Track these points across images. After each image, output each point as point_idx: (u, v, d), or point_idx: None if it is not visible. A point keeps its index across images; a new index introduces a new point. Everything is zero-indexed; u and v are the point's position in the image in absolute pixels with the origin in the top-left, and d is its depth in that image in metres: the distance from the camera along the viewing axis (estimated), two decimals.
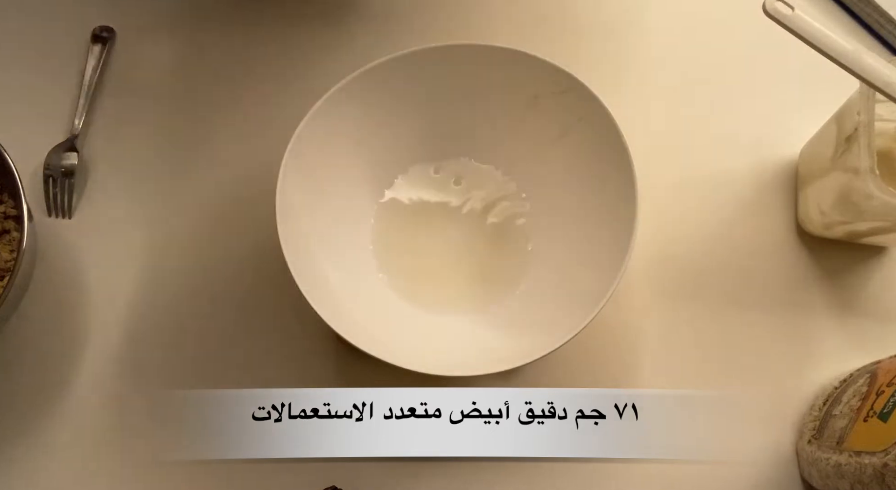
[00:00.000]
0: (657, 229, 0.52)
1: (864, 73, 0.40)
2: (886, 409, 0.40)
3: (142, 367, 0.49)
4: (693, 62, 0.58)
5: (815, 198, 0.50)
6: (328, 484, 0.46)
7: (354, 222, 0.50)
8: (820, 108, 0.50)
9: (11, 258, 0.47)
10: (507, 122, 0.50)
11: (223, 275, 0.51)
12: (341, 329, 0.41)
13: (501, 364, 0.42)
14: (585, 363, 0.49)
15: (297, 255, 0.43)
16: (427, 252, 0.51)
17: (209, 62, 0.57)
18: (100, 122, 0.55)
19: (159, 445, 0.48)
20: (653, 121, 0.55)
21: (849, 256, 0.52)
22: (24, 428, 0.48)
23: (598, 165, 0.47)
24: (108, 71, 0.57)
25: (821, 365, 0.49)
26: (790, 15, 0.40)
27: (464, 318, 0.49)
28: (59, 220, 0.53)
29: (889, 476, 0.37)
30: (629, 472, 0.47)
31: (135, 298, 0.51)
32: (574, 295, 0.45)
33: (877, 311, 0.51)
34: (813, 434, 0.46)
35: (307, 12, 0.59)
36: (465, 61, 0.48)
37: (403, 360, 0.41)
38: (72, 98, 0.55)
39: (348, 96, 0.47)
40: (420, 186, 0.52)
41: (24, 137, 0.52)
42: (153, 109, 0.56)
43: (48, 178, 0.53)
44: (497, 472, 0.47)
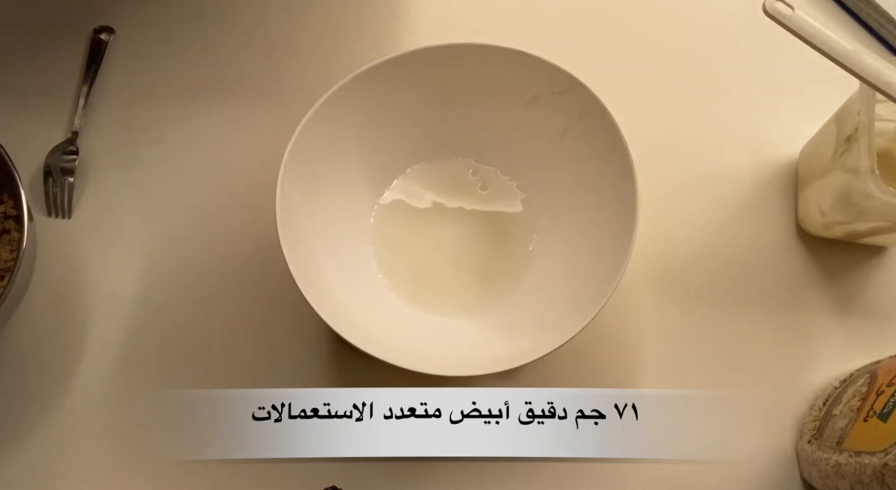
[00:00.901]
0: (657, 229, 0.52)
1: (864, 73, 0.40)
2: (886, 409, 0.40)
3: (141, 367, 0.49)
4: (693, 62, 0.58)
5: (815, 198, 0.50)
6: (328, 484, 0.46)
7: (354, 222, 0.50)
8: (820, 108, 0.50)
9: (11, 258, 0.47)
10: (507, 122, 0.50)
11: (223, 275, 0.51)
12: (341, 329, 0.41)
13: (501, 364, 0.42)
14: (585, 363, 0.49)
15: (297, 256, 0.43)
16: (427, 252, 0.51)
17: (209, 62, 0.57)
18: (100, 122, 0.55)
19: (159, 445, 0.48)
20: (653, 121, 0.55)
21: (849, 256, 0.52)
22: (24, 428, 0.48)
23: (598, 165, 0.47)
24: (108, 71, 0.57)
25: (821, 365, 0.49)
26: (790, 15, 0.40)
27: (464, 319, 0.49)
28: (59, 220, 0.53)
29: (889, 476, 0.37)
30: (629, 472, 0.47)
31: (135, 298, 0.51)
32: (574, 295, 0.45)
33: (877, 311, 0.51)
34: (813, 434, 0.46)
35: (307, 12, 0.59)
36: (465, 61, 0.48)
37: (403, 360, 0.41)
38: (72, 98, 0.55)
39: (348, 96, 0.47)
40: (420, 186, 0.52)
41: (24, 137, 0.52)
42: (153, 109, 0.56)
43: (48, 178, 0.53)
44: (497, 472, 0.47)
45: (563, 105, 0.48)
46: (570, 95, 0.47)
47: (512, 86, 0.49)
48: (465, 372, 0.42)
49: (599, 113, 0.46)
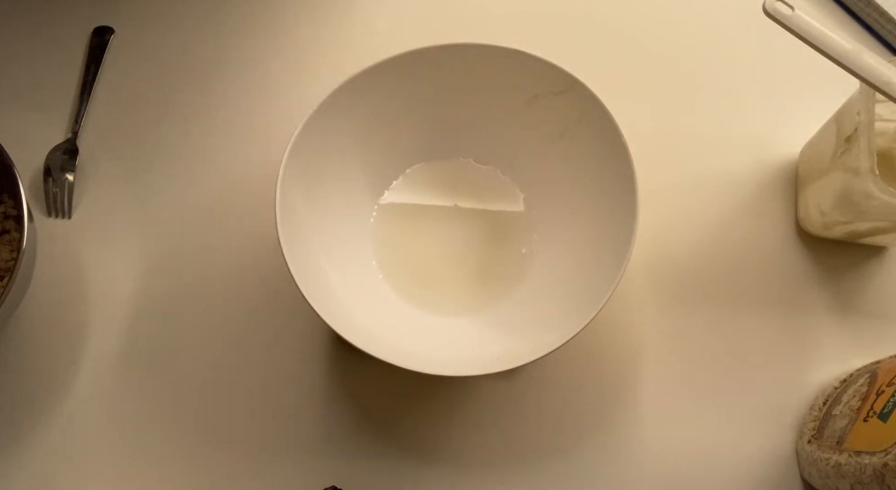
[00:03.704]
0: (657, 229, 0.52)
1: (864, 73, 0.40)
2: (886, 409, 0.40)
3: (141, 366, 0.49)
4: (693, 62, 0.58)
5: (815, 198, 0.50)
6: (328, 484, 0.46)
7: (354, 222, 0.50)
8: (820, 108, 0.50)
9: (11, 258, 0.47)
10: (507, 122, 0.50)
11: (223, 275, 0.51)
12: (341, 329, 0.41)
13: (501, 364, 0.42)
14: (585, 363, 0.49)
15: (297, 256, 0.43)
16: (427, 252, 0.51)
17: (209, 62, 0.57)
18: (100, 121, 0.55)
19: (159, 445, 0.48)
20: (653, 121, 0.55)
21: (849, 256, 0.52)
22: (25, 427, 0.48)
23: (598, 165, 0.47)
24: (108, 71, 0.57)
25: (821, 365, 0.49)
26: (790, 15, 0.40)
27: (464, 319, 0.49)
28: (59, 220, 0.53)
29: (889, 476, 0.37)
30: (629, 472, 0.47)
31: (134, 298, 0.51)
32: (574, 295, 0.45)
33: (877, 311, 0.51)
34: (813, 434, 0.46)
35: (308, 12, 0.59)
36: (465, 61, 0.48)
37: (403, 360, 0.41)
38: (72, 98, 0.55)
39: (348, 97, 0.47)
40: (420, 187, 0.52)
41: (24, 137, 0.52)
42: (153, 109, 0.56)
43: (48, 178, 0.53)
44: (497, 472, 0.47)
45: (562, 105, 0.48)
46: (569, 95, 0.47)
47: (512, 86, 0.49)
48: (465, 372, 0.42)
49: (599, 113, 0.46)
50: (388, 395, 0.49)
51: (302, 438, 0.48)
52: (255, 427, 0.48)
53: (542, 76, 0.47)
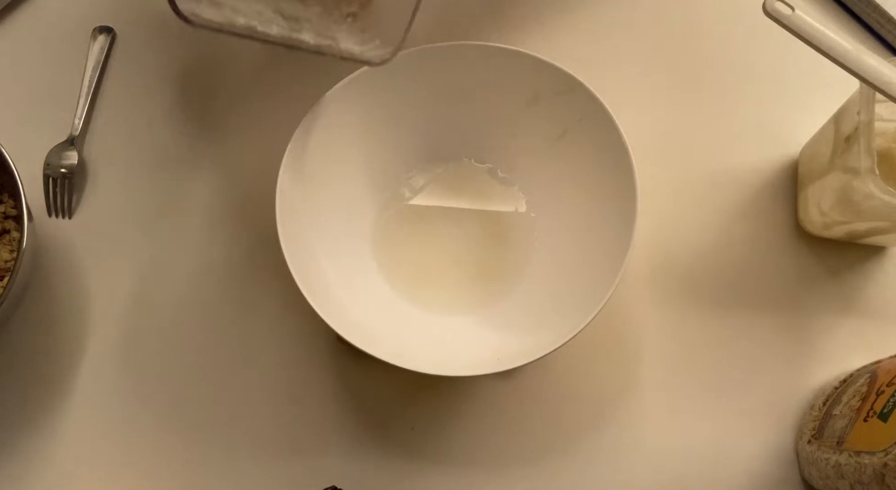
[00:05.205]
0: (657, 229, 0.52)
1: (864, 73, 0.40)
2: (886, 409, 0.40)
3: (141, 366, 0.49)
4: (693, 63, 0.57)
5: (815, 198, 0.50)
6: (328, 484, 0.46)
7: (354, 222, 0.50)
8: (820, 108, 0.50)
9: (11, 258, 0.47)
10: (507, 122, 0.50)
11: (223, 275, 0.51)
12: (341, 329, 0.41)
13: (501, 364, 0.42)
14: (586, 363, 0.49)
15: (297, 256, 0.43)
16: (427, 252, 0.51)
17: (208, 62, 0.57)
18: (100, 122, 0.55)
19: (158, 445, 0.48)
20: (653, 121, 0.55)
21: (849, 256, 0.52)
22: (25, 427, 0.48)
23: (598, 165, 0.47)
24: (108, 71, 0.57)
25: (821, 365, 0.49)
26: (790, 15, 0.40)
27: (464, 318, 0.49)
28: (59, 220, 0.53)
29: (889, 476, 0.37)
30: (629, 472, 0.47)
31: (135, 298, 0.51)
32: (574, 295, 0.45)
33: (877, 311, 0.51)
34: (813, 434, 0.46)
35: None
36: (465, 61, 0.48)
37: (403, 360, 0.41)
38: (72, 98, 0.55)
39: (348, 96, 0.47)
40: (420, 186, 0.52)
41: (24, 137, 0.52)
42: (153, 109, 0.56)
43: (48, 178, 0.53)
44: (497, 473, 0.47)
45: (563, 105, 0.48)
46: (570, 96, 0.47)
47: (512, 86, 0.49)
48: (466, 372, 0.42)
49: (600, 113, 0.46)
50: (388, 395, 0.49)
51: (302, 438, 0.48)
52: (255, 427, 0.48)
53: (543, 77, 0.47)
